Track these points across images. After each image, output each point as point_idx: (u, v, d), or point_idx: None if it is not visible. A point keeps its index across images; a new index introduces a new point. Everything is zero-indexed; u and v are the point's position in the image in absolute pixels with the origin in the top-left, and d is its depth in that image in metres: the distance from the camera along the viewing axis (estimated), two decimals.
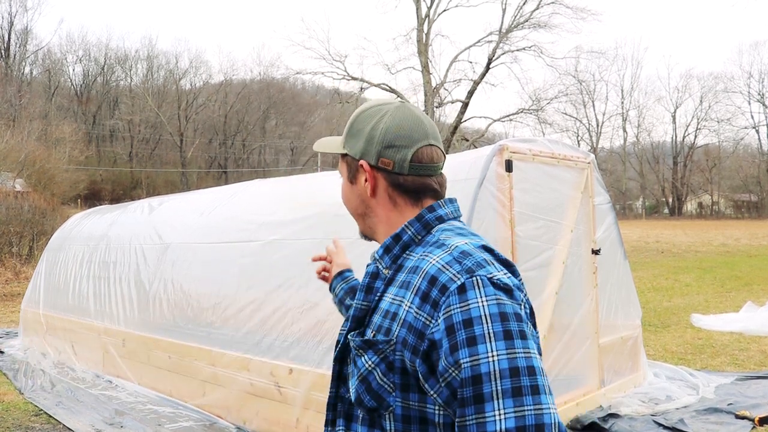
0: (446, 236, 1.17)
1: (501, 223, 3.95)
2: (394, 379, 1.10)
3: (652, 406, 4.68)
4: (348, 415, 1.22)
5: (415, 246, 1.20)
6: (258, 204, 5.44)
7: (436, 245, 1.16)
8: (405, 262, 1.18)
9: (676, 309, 9.55)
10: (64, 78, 57.12)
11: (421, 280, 1.10)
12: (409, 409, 1.10)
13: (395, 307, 1.12)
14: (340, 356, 1.25)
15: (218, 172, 59.01)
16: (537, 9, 24.15)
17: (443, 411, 1.07)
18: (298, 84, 59.17)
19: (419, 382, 1.08)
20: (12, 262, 14.45)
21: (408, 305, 1.10)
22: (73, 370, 6.42)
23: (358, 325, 1.21)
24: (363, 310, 1.20)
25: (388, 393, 1.11)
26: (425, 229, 1.21)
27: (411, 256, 1.18)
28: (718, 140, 58.22)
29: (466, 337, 1.02)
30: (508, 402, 0.99)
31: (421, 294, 1.08)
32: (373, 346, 1.12)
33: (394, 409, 1.11)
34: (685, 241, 24.23)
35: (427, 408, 1.08)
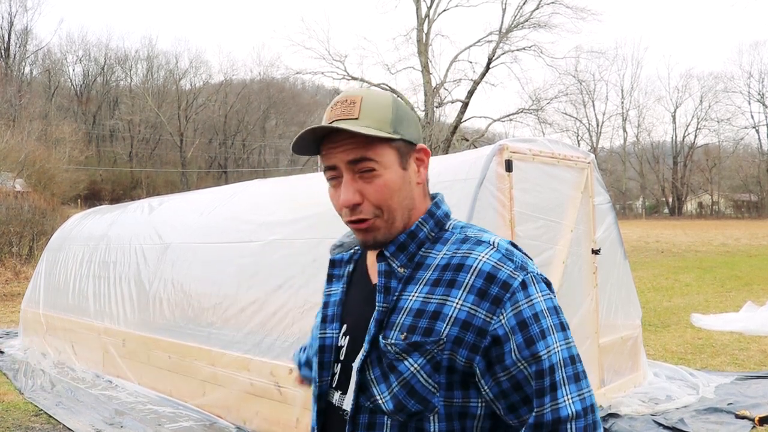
0: (474, 233, 1.18)
1: (501, 223, 3.95)
2: (440, 379, 1.10)
3: (652, 405, 4.68)
4: (371, 425, 1.14)
5: (430, 243, 1.18)
6: (258, 204, 5.44)
7: (471, 242, 1.15)
8: (425, 260, 1.16)
9: (676, 309, 9.55)
10: (64, 78, 57.15)
11: (473, 278, 1.09)
12: (451, 407, 1.10)
13: (435, 306, 1.10)
14: (363, 365, 1.14)
15: (218, 172, 59.01)
16: (537, 9, 24.17)
17: (486, 403, 1.11)
18: (298, 84, 59.21)
19: (468, 379, 1.10)
20: (12, 262, 14.45)
21: (459, 303, 1.08)
22: (73, 370, 6.42)
23: (380, 329, 1.14)
24: (384, 313, 1.14)
25: (433, 394, 1.10)
26: (438, 226, 1.20)
27: (431, 253, 1.17)
28: (718, 140, 58.27)
29: (539, 331, 1.08)
30: (573, 387, 1.08)
31: (477, 291, 1.08)
32: (420, 347, 1.09)
33: (439, 409, 1.10)
34: (685, 241, 24.23)
35: (471, 402, 1.11)
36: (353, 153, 1.12)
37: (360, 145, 1.12)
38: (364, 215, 1.14)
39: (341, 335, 1.21)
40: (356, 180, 1.13)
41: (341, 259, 1.29)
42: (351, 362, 1.17)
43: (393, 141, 1.15)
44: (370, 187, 1.13)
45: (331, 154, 1.14)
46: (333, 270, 1.30)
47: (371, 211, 1.14)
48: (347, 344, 1.19)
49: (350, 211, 1.14)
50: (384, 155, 1.14)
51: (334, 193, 1.17)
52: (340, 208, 1.16)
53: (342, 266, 1.28)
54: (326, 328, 1.23)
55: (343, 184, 1.14)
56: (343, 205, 1.13)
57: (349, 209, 1.14)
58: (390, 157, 1.14)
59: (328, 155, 1.15)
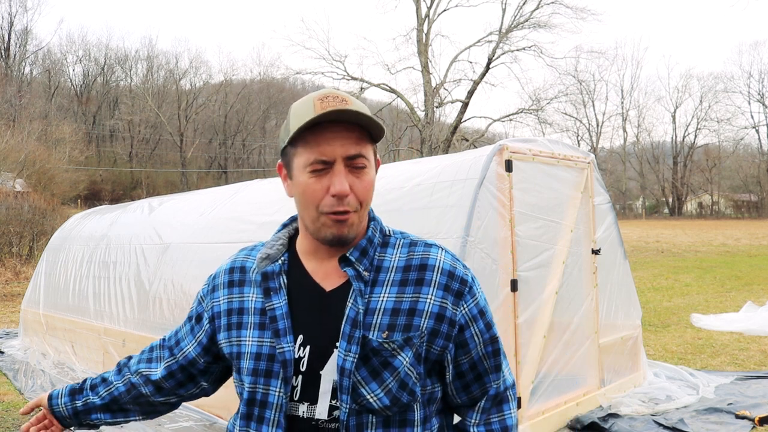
0: (415, 237, 1.29)
1: (501, 223, 3.95)
2: (420, 369, 1.20)
3: (652, 405, 4.68)
4: (359, 425, 1.15)
5: (380, 248, 1.25)
6: (258, 204, 5.44)
7: (422, 245, 1.26)
8: (382, 263, 1.23)
9: (676, 309, 9.55)
10: (64, 78, 57.17)
11: (438, 275, 1.21)
12: (425, 394, 1.23)
13: (409, 304, 1.19)
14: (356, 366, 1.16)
15: (218, 172, 59.01)
16: (537, 9, 24.19)
17: (442, 386, 1.27)
18: (298, 84, 59.12)
19: (434, 366, 1.24)
20: (12, 262, 14.45)
21: (431, 298, 1.20)
22: (73, 370, 6.42)
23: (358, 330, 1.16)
24: (360, 314, 1.17)
25: (416, 384, 1.20)
26: (382, 232, 1.28)
27: (384, 257, 1.24)
28: (718, 140, 58.26)
29: (491, 317, 1.30)
30: (506, 362, 1.33)
31: (443, 287, 1.21)
32: (410, 342, 1.17)
33: (420, 398, 1.21)
34: (685, 241, 24.23)
35: (435, 388, 1.26)
36: (353, 148, 1.16)
37: (356, 141, 1.16)
38: (349, 207, 1.17)
39: (297, 347, 1.19)
40: (347, 173, 1.16)
41: (272, 271, 1.25)
42: (317, 371, 1.17)
43: (375, 143, 1.22)
44: (360, 182, 1.18)
45: (325, 145, 1.15)
46: (267, 283, 1.24)
47: (354, 205, 1.18)
48: (308, 354, 1.18)
49: (338, 202, 1.16)
50: (369, 154, 1.20)
51: (314, 182, 1.16)
52: (320, 197, 1.16)
53: (275, 278, 1.24)
54: (281, 342, 1.18)
55: (336, 174, 1.15)
56: (339, 194, 1.15)
57: (336, 200, 1.15)
58: (371, 157, 1.21)
59: (323, 146, 1.15)
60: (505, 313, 3.91)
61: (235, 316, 1.27)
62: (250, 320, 1.24)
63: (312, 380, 1.17)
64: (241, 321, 1.26)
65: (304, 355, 1.18)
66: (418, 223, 3.90)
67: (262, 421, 1.19)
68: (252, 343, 1.22)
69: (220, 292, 1.32)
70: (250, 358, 1.21)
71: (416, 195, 4.12)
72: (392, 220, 3.93)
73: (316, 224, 1.19)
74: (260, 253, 1.28)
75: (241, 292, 1.28)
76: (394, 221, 3.94)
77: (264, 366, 1.19)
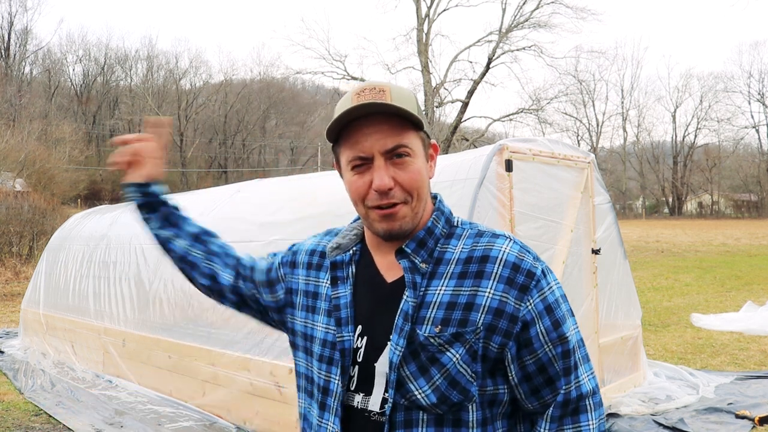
0: (484, 228, 1.24)
1: (501, 223, 3.95)
2: (476, 368, 1.13)
3: (652, 405, 4.68)
4: (407, 422, 1.14)
5: (444, 239, 1.21)
6: (258, 204, 5.44)
7: (488, 236, 1.20)
8: (444, 255, 1.19)
9: (676, 309, 9.55)
10: (64, 78, 57.15)
11: (501, 268, 1.14)
12: (484, 395, 1.15)
13: (467, 297, 1.13)
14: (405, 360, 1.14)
15: (218, 172, 59.00)
16: (537, 9, 24.20)
17: (509, 389, 1.17)
18: (298, 84, 59.23)
19: (497, 366, 1.15)
20: (12, 262, 14.45)
21: (491, 292, 1.13)
22: (73, 370, 6.42)
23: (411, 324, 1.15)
24: (415, 308, 1.15)
25: (471, 383, 1.13)
26: (448, 223, 1.24)
27: (447, 248, 1.19)
28: (718, 140, 58.28)
29: (563, 314, 1.17)
30: (587, 367, 1.20)
31: (505, 280, 1.13)
32: (461, 337, 1.12)
33: (476, 398, 1.14)
34: (685, 241, 24.23)
35: (499, 390, 1.16)
36: (390, 141, 1.13)
37: (394, 132, 1.13)
38: (395, 200, 1.14)
39: (356, 337, 1.19)
40: (388, 166, 1.14)
41: (342, 260, 1.26)
42: (372, 362, 1.17)
43: (420, 130, 1.18)
44: (404, 173, 1.14)
45: (363, 141, 1.13)
46: (335, 272, 1.26)
47: (402, 197, 1.14)
48: (364, 345, 1.18)
49: (381, 196, 1.13)
50: (414, 143, 1.16)
51: (356, 179, 1.15)
52: (365, 193, 1.15)
53: (344, 268, 1.25)
54: (342, 331, 1.20)
55: (376, 169, 1.13)
56: (379, 189, 1.12)
57: (379, 194, 1.13)
58: (418, 146, 1.17)
59: (360, 142, 1.13)
60: None
61: (311, 298, 1.29)
62: (321, 306, 1.26)
63: (368, 372, 1.17)
64: (315, 305, 1.28)
65: (361, 345, 1.18)
66: None
67: (324, 407, 1.21)
68: (321, 329, 1.24)
69: (300, 270, 1.34)
70: (319, 343, 1.23)
71: None
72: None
73: (368, 220, 1.18)
74: (332, 242, 1.29)
75: (317, 277, 1.30)
76: None
77: (328, 353, 1.21)
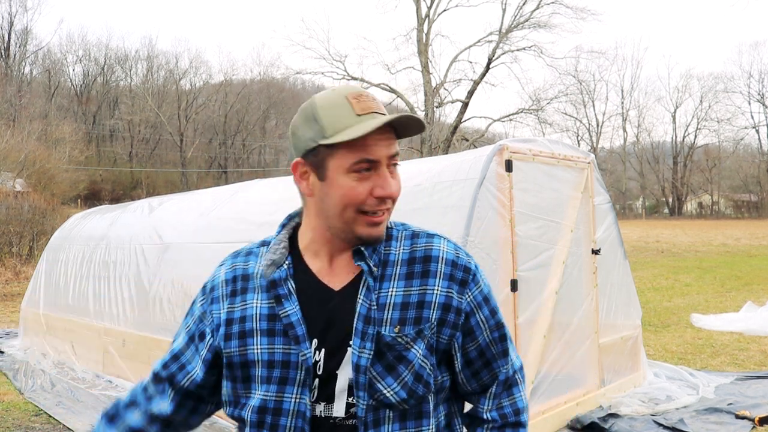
0: (416, 228, 1.30)
1: (501, 223, 3.95)
2: (433, 360, 1.21)
3: (652, 406, 4.68)
4: (376, 421, 1.16)
5: (385, 241, 1.25)
6: (258, 204, 5.44)
7: (424, 236, 1.27)
8: (387, 257, 1.23)
9: (676, 309, 9.55)
10: (64, 78, 57.13)
11: (443, 266, 1.22)
12: (437, 384, 1.22)
13: (417, 297, 1.19)
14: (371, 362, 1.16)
15: (218, 172, 59.00)
16: (537, 9, 24.19)
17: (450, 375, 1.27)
18: (298, 84, 59.12)
19: (443, 356, 1.23)
20: (12, 262, 14.46)
21: (438, 289, 1.20)
22: (73, 370, 6.42)
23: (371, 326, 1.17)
24: (372, 310, 1.17)
25: (431, 375, 1.20)
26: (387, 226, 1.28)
27: (390, 250, 1.24)
28: (718, 140, 58.23)
29: (496, 303, 1.30)
30: (513, 346, 1.34)
31: (448, 277, 1.21)
32: (421, 334, 1.18)
33: (432, 388, 1.21)
34: (685, 241, 24.23)
35: (445, 377, 1.25)
36: (393, 148, 1.17)
37: (393, 140, 1.17)
38: (389, 207, 1.19)
39: (313, 351, 1.17)
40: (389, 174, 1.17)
41: (280, 277, 1.20)
42: (333, 371, 1.17)
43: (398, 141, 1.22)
44: (395, 181, 1.19)
45: (375, 146, 1.14)
46: (277, 290, 1.20)
47: (391, 204, 1.19)
48: (323, 357, 1.17)
49: (380, 202, 1.16)
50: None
51: (357, 185, 1.14)
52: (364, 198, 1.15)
53: (283, 284, 1.20)
54: (301, 348, 1.16)
55: (383, 176, 1.15)
56: (391, 196, 1.16)
57: (380, 200, 1.16)
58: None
59: (370, 145, 1.13)
60: (505, 313, 3.89)
61: (236, 324, 1.22)
62: (255, 327, 1.20)
63: (328, 381, 1.17)
64: (244, 329, 1.21)
65: (320, 358, 1.17)
66: (418, 224, 3.89)
67: (276, 428, 1.17)
68: (262, 351, 1.18)
69: (221, 303, 1.27)
70: (261, 366, 1.18)
71: (416, 195, 4.11)
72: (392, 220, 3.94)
73: (351, 225, 1.17)
74: (265, 260, 1.23)
75: (243, 300, 1.24)
76: None
77: (278, 374, 1.17)
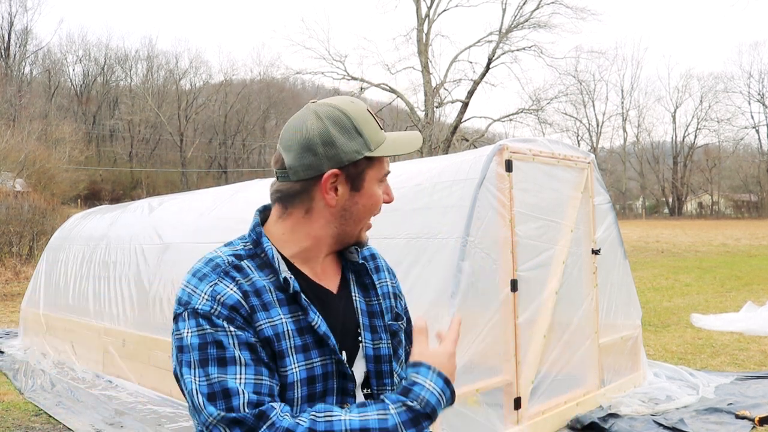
0: None
1: (501, 223, 3.95)
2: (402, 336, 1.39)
3: (652, 405, 4.68)
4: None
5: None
6: (258, 204, 5.43)
7: None
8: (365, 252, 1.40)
9: (676, 309, 9.55)
10: (64, 78, 57.12)
11: (381, 261, 1.41)
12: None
13: (388, 288, 1.37)
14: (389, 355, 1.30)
15: (218, 172, 58.99)
16: (537, 9, 24.16)
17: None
18: (298, 84, 59.13)
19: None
20: (12, 262, 14.46)
21: (389, 281, 1.39)
22: (73, 370, 6.42)
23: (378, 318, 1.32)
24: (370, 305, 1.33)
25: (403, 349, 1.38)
26: None
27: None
28: (718, 140, 58.21)
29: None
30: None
31: (386, 269, 1.41)
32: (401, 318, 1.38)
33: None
34: (685, 241, 24.23)
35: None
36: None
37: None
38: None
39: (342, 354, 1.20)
40: None
41: (298, 288, 1.18)
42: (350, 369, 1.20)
43: None
44: None
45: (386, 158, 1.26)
46: (301, 302, 1.17)
47: None
48: (344, 359, 1.20)
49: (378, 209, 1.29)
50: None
51: (380, 193, 1.26)
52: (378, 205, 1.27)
53: (302, 295, 1.18)
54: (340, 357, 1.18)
55: (388, 185, 1.28)
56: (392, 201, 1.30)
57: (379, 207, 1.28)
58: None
59: (386, 159, 1.27)
60: (505, 313, 3.91)
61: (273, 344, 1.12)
62: (290, 344, 1.13)
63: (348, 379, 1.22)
64: (281, 349, 1.12)
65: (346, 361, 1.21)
66: (418, 224, 3.90)
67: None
68: (300, 369, 1.13)
69: (259, 314, 1.13)
70: (301, 385, 1.13)
71: (416, 195, 4.12)
72: (392, 221, 3.94)
73: (361, 230, 1.27)
74: (284, 272, 1.17)
75: (269, 317, 1.13)
76: (394, 221, 3.95)
77: (320, 387, 1.15)
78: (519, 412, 3.93)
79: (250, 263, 1.19)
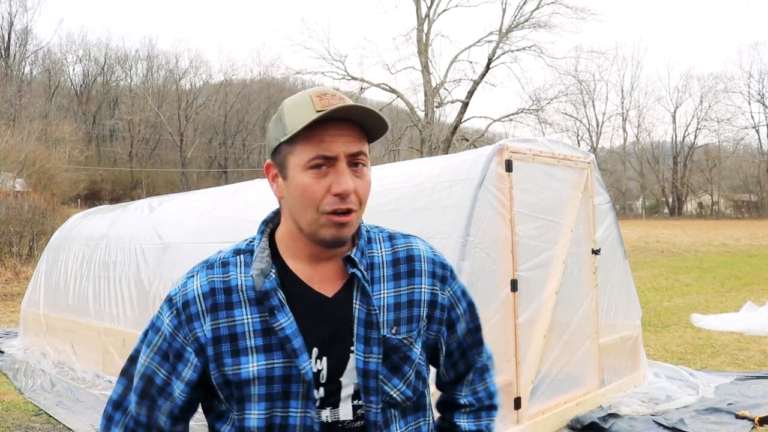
0: (389, 230, 1.31)
1: (501, 223, 3.95)
2: (425, 356, 1.27)
3: (652, 405, 4.68)
4: (386, 422, 1.17)
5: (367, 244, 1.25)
6: (258, 204, 5.44)
7: (400, 237, 1.29)
8: (372, 260, 1.23)
9: (676, 309, 9.55)
10: (64, 78, 57.12)
11: (426, 265, 1.25)
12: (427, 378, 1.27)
13: (407, 297, 1.22)
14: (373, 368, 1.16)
15: (218, 172, 59.00)
16: (537, 9, 24.19)
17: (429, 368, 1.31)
18: (298, 84, 58.98)
19: (429, 351, 1.29)
20: (12, 262, 14.46)
21: (425, 288, 1.24)
22: (73, 370, 6.42)
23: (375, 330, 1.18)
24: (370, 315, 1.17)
25: (427, 370, 1.27)
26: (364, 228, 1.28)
27: (373, 253, 1.24)
28: (718, 140, 58.21)
29: (471, 294, 1.36)
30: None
31: (431, 275, 1.25)
32: (420, 333, 1.23)
33: (428, 382, 1.26)
34: (685, 241, 24.23)
35: (428, 370, 1.29)
36: (355, 146, 1.13)
37: (357, 139, 1.13)
38: (352, 206, 1.13)
39: (314, 360, 1.14)
40: (349, 172, 1.13)
41: (270, 287, 1.15)
42: (337, 378, 1.15)
43: (371, 142, 1.19)
44: (360, 181, 1.14)
45: (329, 141, 1.10)
46: (269, 302, 1.14)
47: (355, 204, 1.14)
48: (326, 365, 1.15)
49: (340, 201, 1.11)
50: (367, 153, 1.17)
51: (315, 182, 1.11)
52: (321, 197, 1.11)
53: (274, 295, 1.15)
54: (299, 361, 1.12)
55: (340, 172, 1.11)
56: (345, 192, 1.10)
57: (340, 198, 1.11)
58: (367, 156, 1.18)
59: (325, 141, 1.10)
60: (505, 313, 3.91)
61: (226, 343, 1.14)
62: (249, 344, 1.14)
63: (333, 388, 1.15)
64: (237, 348, 1.14)
65: (322, 367, 1.15)
66: (418, 224, 3.90)
67: None
68: (258, 368, 1.13)
69: (202, 320, 1.16)
70: (259, 383, 1.13)
71: (416, 195, 4.12)
72: (392, 221, 3.94)
73: (314, 226, 1.13)
74: (254, 270, 1.17)
75: (230, 316, 1.15)
76: (394, 221, 3.95)
77: (280, 388, 1.13)
78: (519, 412, 3.93)
79: (247, 258, 1.21)
